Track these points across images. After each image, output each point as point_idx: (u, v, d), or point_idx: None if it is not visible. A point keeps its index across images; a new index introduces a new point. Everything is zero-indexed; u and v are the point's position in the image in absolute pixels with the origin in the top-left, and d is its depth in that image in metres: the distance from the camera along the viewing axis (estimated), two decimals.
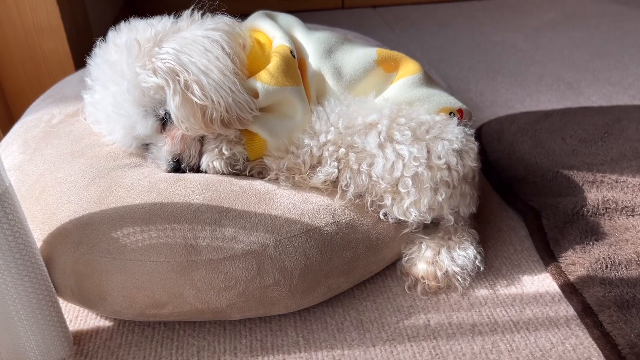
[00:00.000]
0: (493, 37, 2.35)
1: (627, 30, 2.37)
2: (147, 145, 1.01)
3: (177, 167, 0.97)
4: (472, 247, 0.99)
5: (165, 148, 0.97)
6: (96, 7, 1.97)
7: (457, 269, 0.96)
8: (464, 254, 0.97)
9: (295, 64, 1.01)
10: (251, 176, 1.00)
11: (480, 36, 2.37)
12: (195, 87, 0.90)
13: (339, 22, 2.41)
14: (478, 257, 0.99)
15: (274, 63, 0.97)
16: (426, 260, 0.96)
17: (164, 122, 0.96)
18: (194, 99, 0.90)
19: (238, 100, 0.92)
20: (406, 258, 0.99)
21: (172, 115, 0.92)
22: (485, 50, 2.21)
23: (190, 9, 1.02)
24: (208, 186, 0.91)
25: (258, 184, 0.96)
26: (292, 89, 0.97)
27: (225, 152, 0.97)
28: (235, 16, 1.05)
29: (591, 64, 2.03)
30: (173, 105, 0.91)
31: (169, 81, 0.90)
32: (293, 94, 0.97)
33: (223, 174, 0.98)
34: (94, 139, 1.03)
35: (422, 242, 0.99)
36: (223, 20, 1.00)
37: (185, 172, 0.97)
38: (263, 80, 0.95)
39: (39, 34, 1.49)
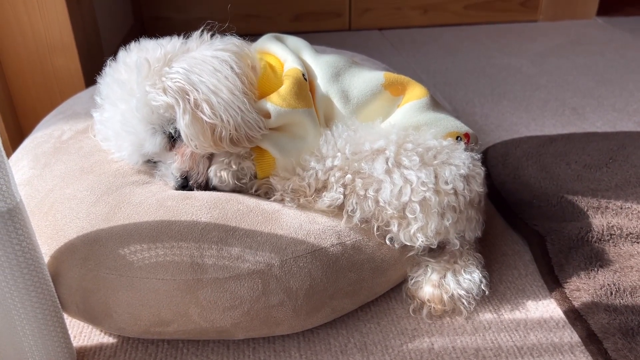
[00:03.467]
0: (498, 62, 2.37)
1: (631, 58, 2.38)
2: (155, 162, 1.02)
3: (185, 184, 0.98)
4: (477, 271, 0.99)
5: (174, 165, 0.98)
6: (107, 25, 2.00)
7: (462, 293, 0.96)
8: (469, 278, 0.97)
9: (307, 87, 1.02)
10: (257, 196, 1.01)
11: (486, 60, 2.39)
12: (205, 106, 0.91)
13: (345, 44, 2.43)
14: (483, 280, 0.99)
15: (286, 86, 0.99)
16: (432, 284, 0.96)
17: (173, 139, 0.97)
18: (204, 117, 0.91)
19: (247, 119, 0.93)
20: (412, 281, 0.99)
21: (182, 134, 0.93)
22: (490, 74, 2.22)
23: (199, 30, 1.04)
24: (215, 205, 0.92)
25: (265, 204, 0.96)
26: (304, 111, 0.98)
27: (234, 166, 0.98)
28: (244, 37, 1.07)
29: (596, 90, 2.04)
30: (183, 123, 0.92)
31: (179, 100, 0.92)
32: (305, 116, 0.98)
33: (229, 190, 0.99)
34: (103, 156, 1.04)
35: (427, 265, 0.99)
36: (232, 41, 1.02)
37: (193, 190, 0.98)
38: (275, 102, 0.96)
39: (51, 51, 1.51)
